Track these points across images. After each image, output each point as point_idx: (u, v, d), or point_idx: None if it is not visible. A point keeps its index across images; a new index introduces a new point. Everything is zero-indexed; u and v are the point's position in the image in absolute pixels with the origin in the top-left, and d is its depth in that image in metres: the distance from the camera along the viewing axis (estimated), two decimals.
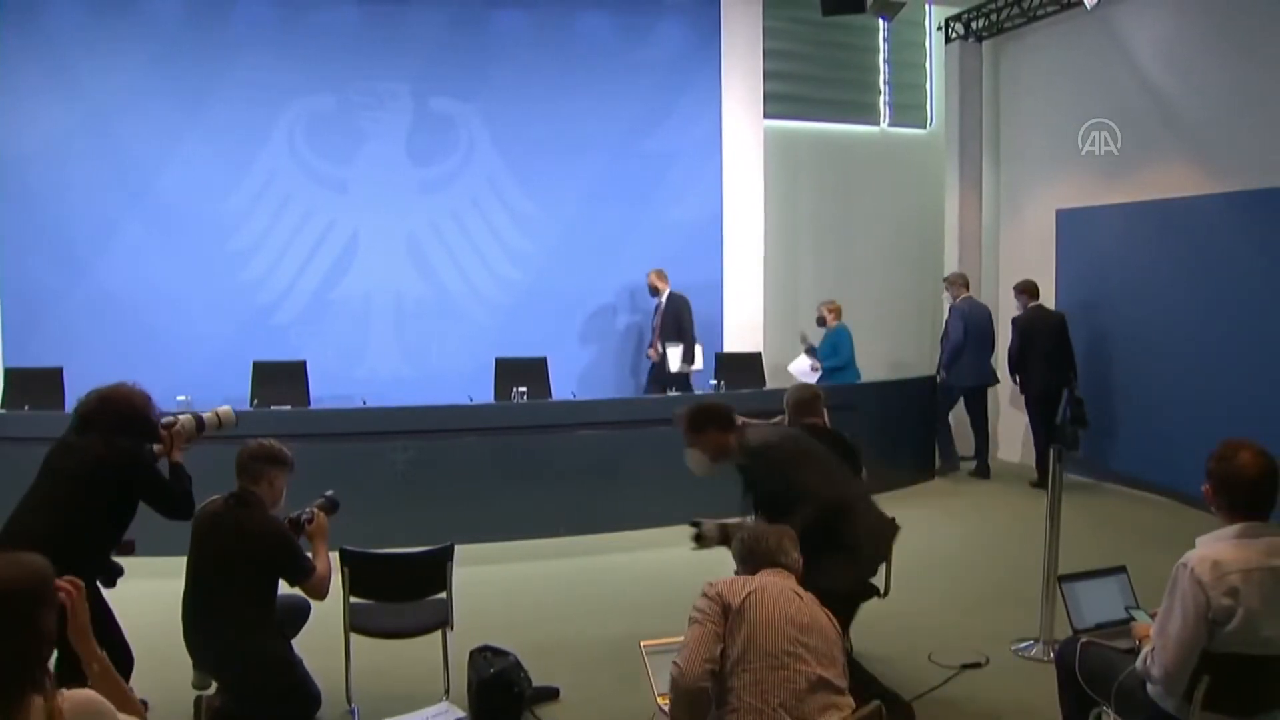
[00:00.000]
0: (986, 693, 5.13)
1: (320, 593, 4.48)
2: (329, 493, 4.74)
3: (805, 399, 5.59)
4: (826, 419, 5.72)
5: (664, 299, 10.71)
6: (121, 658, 4.11)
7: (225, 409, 4.64)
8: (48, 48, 9.80)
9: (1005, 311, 11.64)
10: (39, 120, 9.79)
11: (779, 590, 3.25)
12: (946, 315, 10.96)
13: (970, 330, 10.63)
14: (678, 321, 10.60)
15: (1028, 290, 10.27)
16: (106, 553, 4.25)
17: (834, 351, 10.70)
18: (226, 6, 10.33)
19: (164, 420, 4.35)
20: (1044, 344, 9.99)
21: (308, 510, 4.59)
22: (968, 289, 10.93)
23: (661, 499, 8.38)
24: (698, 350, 10.56)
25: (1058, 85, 10.91)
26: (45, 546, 2.63)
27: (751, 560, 3.45)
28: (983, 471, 10.75)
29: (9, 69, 9.70)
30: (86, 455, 4.16)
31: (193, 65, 10.16)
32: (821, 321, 10.88)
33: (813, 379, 10.51)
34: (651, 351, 10.85)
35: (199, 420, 4.50)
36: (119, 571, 4.29)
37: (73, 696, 2.32)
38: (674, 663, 3.15)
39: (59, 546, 3.47)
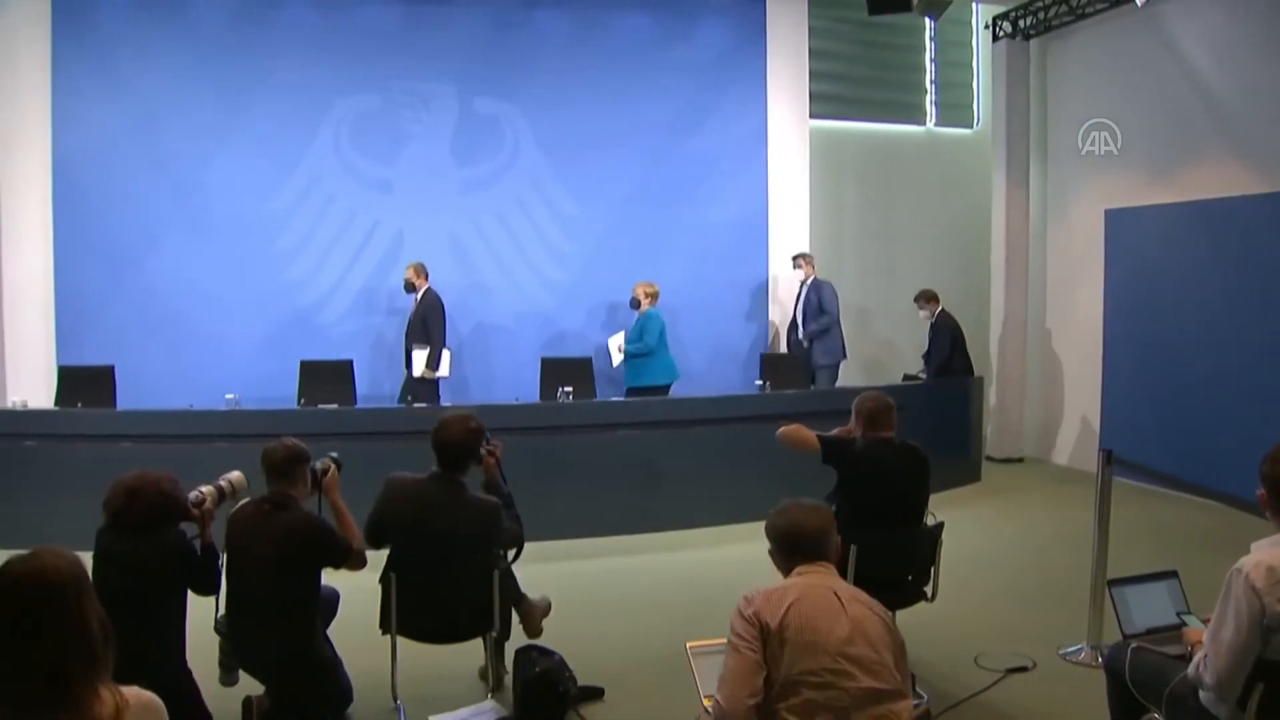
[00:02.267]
0: (1033, 697, 5.08)
1: (361, 563, 4.54)
2: (333, 454, 4.78)
3: (879, 410, 5.29)
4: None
5: (419, 296, 10.07)
6: None
7: (238, 475, 4.53)
8: (98, 51, 9.94)
9: (1057, 312, 11.58)
10: (90, 123, 9.93)
11: (818, 599, 3.07)
12: (807, 293, 10.84)
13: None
14: (424, 322, 9.96)
15: (934, 298, 10.70)
16: (183, 643, 4.22)
17: (639, 336, 10.35)
18: (271, 8, 10.44)
19: (192, 499, 4.29)
20: (963, 343, 10.60)
21: (320, 462, 4.64)
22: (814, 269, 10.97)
23: (705, 499, 8.42)
24: (445, 356, 10.01)
25: (1106, 84, 10.77)
26: (139, 670, 2.59)
27: (792, 553, 3.28)
28: None
29: (63, 75, 9.84)
30: (146, 565, 3.99)
31: (238, 67, 10.28)
32: (635, 304, 10.48)
33: (618, 358, 10.41)
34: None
35: (220, 492, 4.41)
36: None
37: (136, 694, 2.35)
38: (715, 700, 3.03)
39: (155, 664, 3.50)
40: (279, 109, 10.41)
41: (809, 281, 10.84)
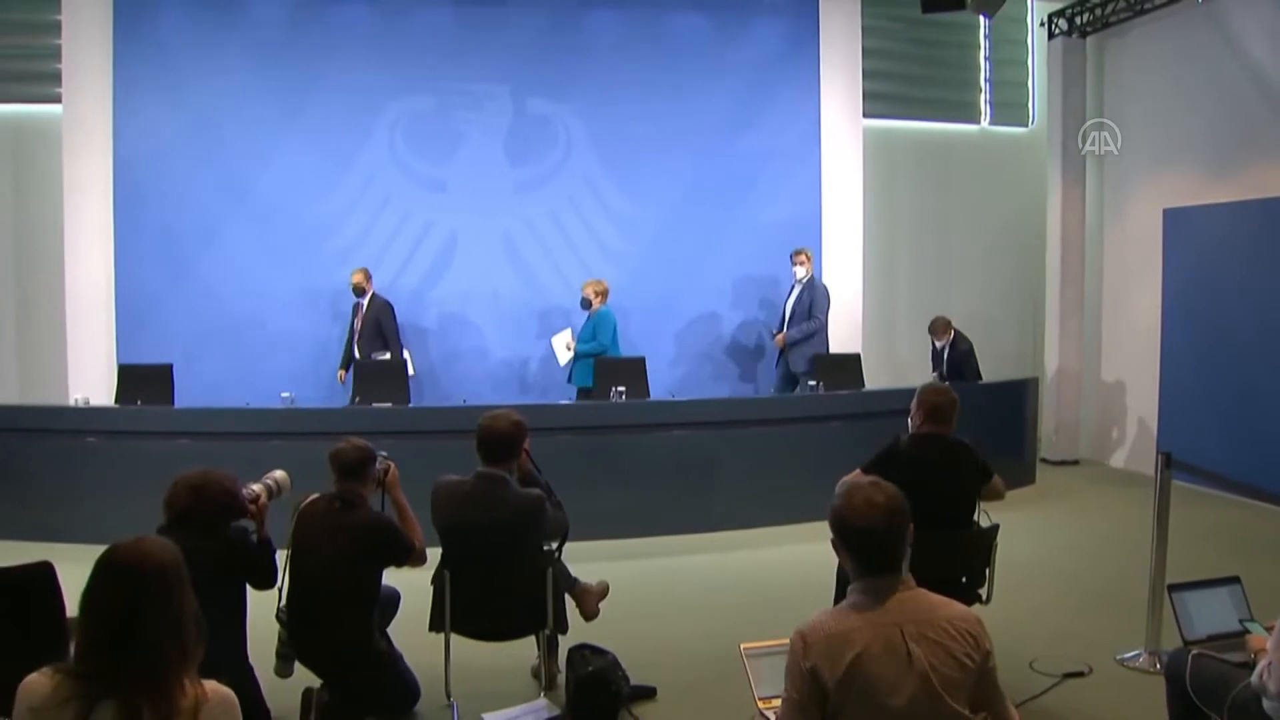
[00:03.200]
0: (1090, 703, 5.02)
1: (422, 560, 4.63)
2: (383, 452, 4.82)
3: (944, 404, 5.17)
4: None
5: (366, 301, 9.99)
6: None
7: (282, 474, 4.61)
8: (158, 54, 10.12)
9: (1113, 313, 11.43)
10: (150, 125, 10.13)
11: (883, 652, 2.76)
12: (800, 292, 10.54)
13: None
14: (378, 326, 9.91)
15: (949, 326, 10.55)
16: (244, 639, 4.28)
17: (591, 336, 10.10)
18: (326, 10, 10.57)
19: (247, 496, 4.35)
20: (976, 365, 10.51)
21: (380, 461, 4.70)
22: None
23: (760, 500, 8.39)
24: (406, 355, 9.97)
25: (1164, 81, 10.62)
26: (203, 665, 2.57)
27: (861, 562, 2.90)
28: None
29: (124, 78, 10.03)
30: (208, 562, 3.87)
31: (295, 69, 10.44)
32: (586, 304, 10.23)
33: (566, 356, 10.18)
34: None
35: (268, 490, 4.48)
36: None
37: (215, 688, 2.40)
38: None
39: (216, 659, 3.56)
40: (334, 110, 10.54)
41: (805, 280, 10.55)
